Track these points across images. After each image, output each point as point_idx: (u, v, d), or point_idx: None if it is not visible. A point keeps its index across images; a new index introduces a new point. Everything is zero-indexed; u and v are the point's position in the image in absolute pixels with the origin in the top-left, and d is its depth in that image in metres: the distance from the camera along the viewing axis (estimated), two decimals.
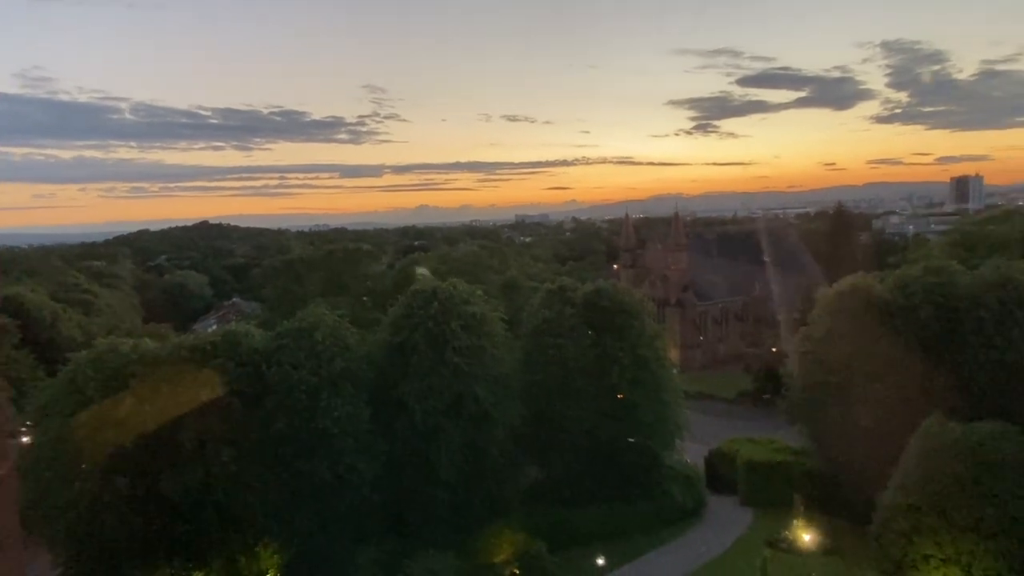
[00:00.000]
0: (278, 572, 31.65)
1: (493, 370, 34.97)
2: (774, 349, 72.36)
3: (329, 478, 31.01)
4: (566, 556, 34.52)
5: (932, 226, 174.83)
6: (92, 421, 28.84)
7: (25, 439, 32.34)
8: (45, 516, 28.83)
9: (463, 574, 31.89)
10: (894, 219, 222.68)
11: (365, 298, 55.95)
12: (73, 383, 30.74)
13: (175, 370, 30.70)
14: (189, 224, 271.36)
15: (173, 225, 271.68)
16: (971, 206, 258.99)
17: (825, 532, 35.58)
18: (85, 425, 28.83)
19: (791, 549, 35.29)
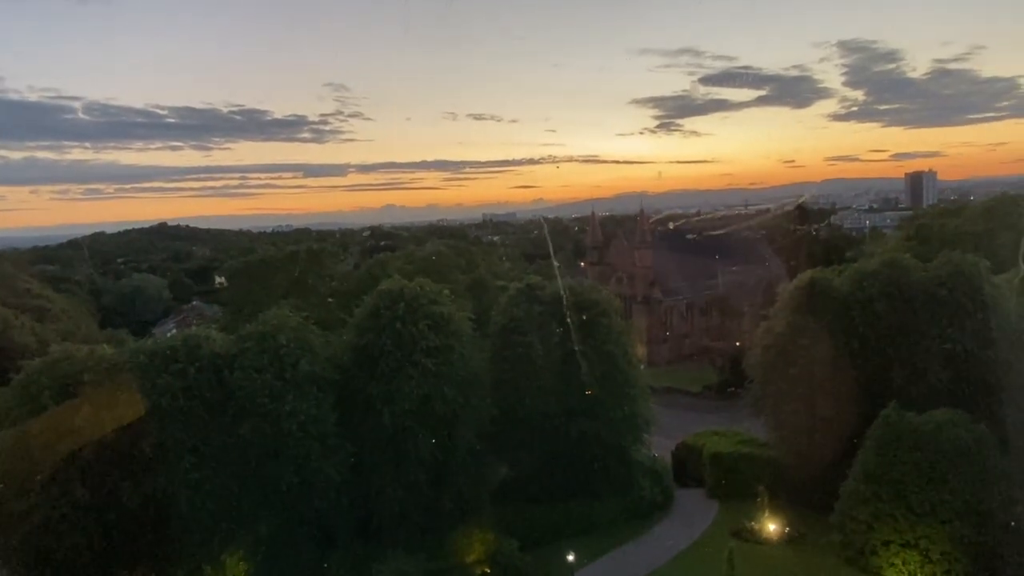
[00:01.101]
0: None
1: (461, 370, 34.84)
2: (738, 343, 73.62)
3: (295, 482, 30.53)
4: (537, 553, 34.63)
5: (888, 221, 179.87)
6: (47, 430, 27.91)
7: None
8: None
9: (434, 575, 31.76)
10: (851, 214, 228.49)
11: (330, 299, 55.19)
12: (27, 392, 29.69)
13: (133, 376, 29.89)
14: (147, 226, 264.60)
15: (130, 227, 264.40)
16: (925, 201, 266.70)
17: (789, 522, 36.38)
18: (40, 434, 27.89)
19: (756, 539, 35.99)
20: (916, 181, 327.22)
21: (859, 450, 32.42)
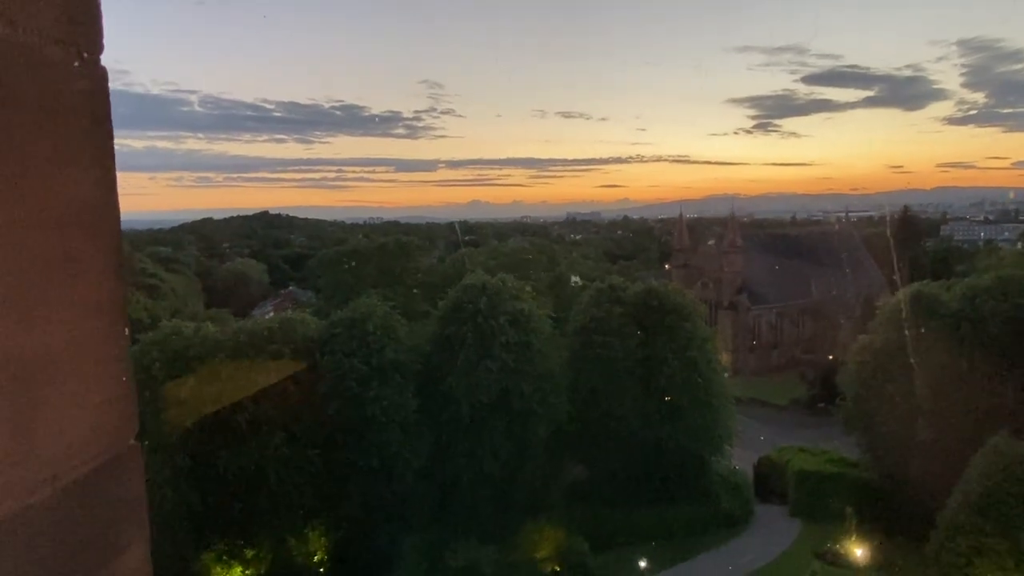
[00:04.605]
0: (325, 554, 32.51)
1: (539, 367, 35.04)
2: (831, 356, 70.14)
3: (376, 465, 31.70)
4: (608, 556, 34.39)
5: (1006, 233, 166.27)
6: (157, 400, 30.19)
7: None
8: None
9: (504, 568, 32.14)
10: (964, 225, 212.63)
11: (416, 290, 56.73)
12: (140, 363, 32.15)
13: (234, 354, 31.85)
14: (251, 213, 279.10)
15: (236, 214, 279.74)
16: None
17: (879, 548, 34.43)
18: (150, 404, 30.16)
19: (842, 564, 34.29)
20: None
21: (961, 478, 30.25)
